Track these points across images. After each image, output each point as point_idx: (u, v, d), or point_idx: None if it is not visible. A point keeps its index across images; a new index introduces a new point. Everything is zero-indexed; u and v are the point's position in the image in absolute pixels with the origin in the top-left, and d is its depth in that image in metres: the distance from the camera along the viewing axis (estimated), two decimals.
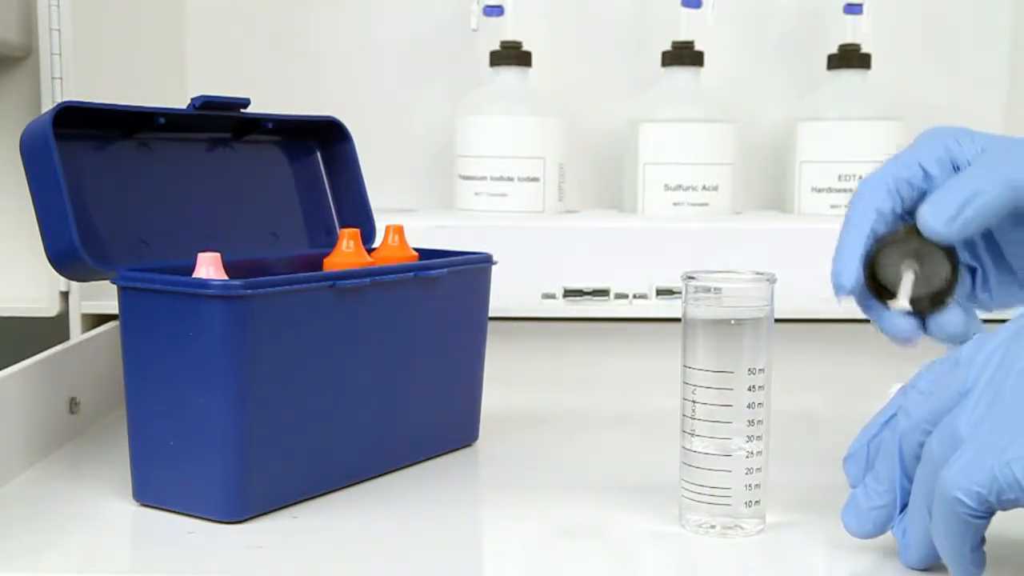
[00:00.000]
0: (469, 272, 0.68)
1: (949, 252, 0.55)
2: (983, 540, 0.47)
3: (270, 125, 0.71)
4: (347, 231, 0.66)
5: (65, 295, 0.81)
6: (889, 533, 0.52)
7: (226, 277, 0.57)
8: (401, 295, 0.63)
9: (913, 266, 0.55)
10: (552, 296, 0.89)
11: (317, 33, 1.06)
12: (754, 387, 0.53)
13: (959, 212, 0.53)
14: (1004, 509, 0.46)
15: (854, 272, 0.56)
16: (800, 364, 0.80)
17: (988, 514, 0.46)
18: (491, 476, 0.67)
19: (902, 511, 0.51)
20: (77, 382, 0.72)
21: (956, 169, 0.56)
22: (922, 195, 0.56)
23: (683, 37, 0.99)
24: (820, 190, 0.98)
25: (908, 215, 0.57)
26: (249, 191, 0.71)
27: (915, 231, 0.55)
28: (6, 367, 0.64)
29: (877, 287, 0.56)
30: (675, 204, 0.97)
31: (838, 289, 0.57)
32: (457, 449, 0.69)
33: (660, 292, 0.89)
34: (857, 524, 0.52)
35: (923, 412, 0.49)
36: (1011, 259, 0.57)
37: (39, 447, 0.66)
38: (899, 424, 0.50)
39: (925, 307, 0.55)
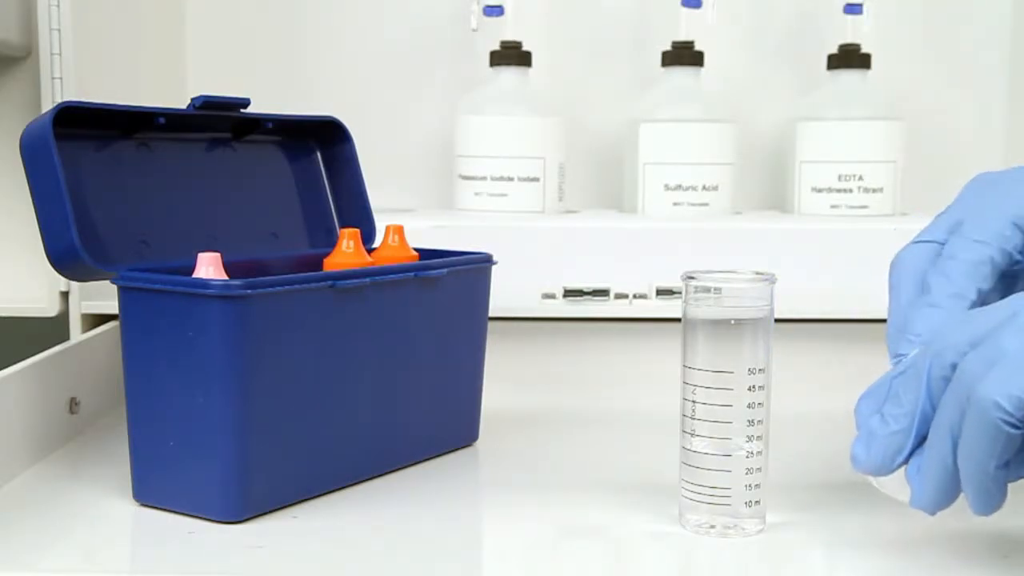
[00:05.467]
0: (469, 272, 0.68)
1: None
2: (1008, 464, 0.46)
3: (270, 125, 0.71)
4: (347, 231, 0.66)
5: (65, 295, 0.81)
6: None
7: (226, 277, 0.57)
8: (401, 295, 0.63)
9: None
10: (552, 296, 0.89)
11: (317, 33, 1.06)
12: (754, 387, 0.53)
13: None
14: None
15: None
16: (800, 364, 0.80)
17: (1022, 425, 0.44)
18: (491, 476, 0.67)
19: (917, 446, 0.49)
20: (77, 382, 0.72)
21: None
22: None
23: (683, 37, 0.99)
24: (820, 190, 0.98)
25: None
26: (249, 191, 0.71)
27: None
28: (6, 367, 0.64)
29: None
30: (675, 204, 0.96)
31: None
32: (457, 449, 0.69)
33: (660, 292, 0.89)
34: (867, 454, 0.50)
35: (963, 335, 0.47)
36: None
37: (39, 447, 0.66)
38: (932, 345, 0.48)
39: None
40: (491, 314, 0.71)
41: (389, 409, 0.63)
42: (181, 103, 0.66)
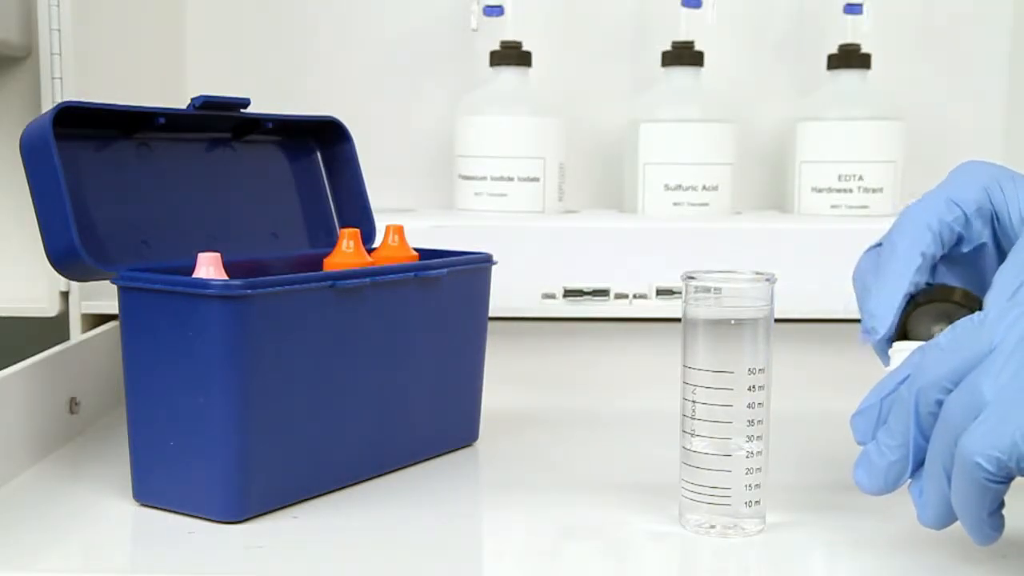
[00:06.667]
0: (469, 272, 0.68)
1: None
2: (1002, 504, 0.47)
3: (270, 125, 0.71)
4: (347, 231, 0.66)
5: (65, 295, 0.81)
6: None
7: (226, 277, 0.57)
8: (401, 295, 0.63)
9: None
10: (552, 296, 0.89)
11: (317, 33, 1.06)
12: (754, 387, 0.53)
13: None
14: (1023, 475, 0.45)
15: (891, 319, 0.55)
16: (800, 364, 0.80)
17: (1007, 479, 0.45)
18: (491, 476, 0.67)
19: (916, 469, 0.50)
20: (77, 382, 0.72)
21: (997, 219, 0.56)
22: (960, 240, 0.57)
23: (683, 37, 0.99)
24: (820, 190, 0.98)
25: (941, 259, 0.58)
26: (249, 191, 0.71)
27: (950, 292, 0.55)
28: (6, 367, 0.64)
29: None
30: (675, 204, 0.96)
31: (871, 333, 0.56)
32: (457, 449, 0.69)
33: (660, 292, 0.89)
34: (869, 480, 0.51)
35: (943, 369, 0.48)
36: None
37: (39, 447, 0.66)
38: (916, 380, 0.49)
39: None
40: (491, 314, 0.71)
41: (389, 409, 0.63)
42: (181, 103, 0.66)
